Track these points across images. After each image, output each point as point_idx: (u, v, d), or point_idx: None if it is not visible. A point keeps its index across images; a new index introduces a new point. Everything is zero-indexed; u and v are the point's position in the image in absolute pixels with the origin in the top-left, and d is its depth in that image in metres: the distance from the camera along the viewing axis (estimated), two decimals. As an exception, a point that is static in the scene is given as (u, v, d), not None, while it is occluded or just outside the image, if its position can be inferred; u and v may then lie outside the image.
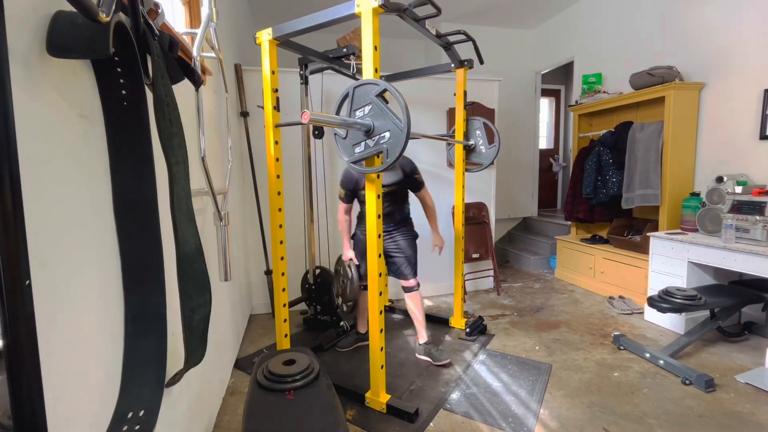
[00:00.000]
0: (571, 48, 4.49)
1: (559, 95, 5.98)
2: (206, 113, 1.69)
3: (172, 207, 0.91)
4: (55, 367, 0.65)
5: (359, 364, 2.32)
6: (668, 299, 2.29)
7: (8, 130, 0.50)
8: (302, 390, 1.28)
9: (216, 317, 1.75)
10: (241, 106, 2.96)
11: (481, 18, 4.65)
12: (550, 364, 2.29)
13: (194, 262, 1.01)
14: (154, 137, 0.88)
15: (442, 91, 3.29)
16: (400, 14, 1.70)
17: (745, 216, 2.43)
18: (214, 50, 1.44)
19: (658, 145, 3.04)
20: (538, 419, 1.80)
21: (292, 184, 3.00)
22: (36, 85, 0.65)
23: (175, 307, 0.97)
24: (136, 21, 0.81)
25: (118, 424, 0.82)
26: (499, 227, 5.06)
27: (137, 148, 0.88)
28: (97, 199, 0.83)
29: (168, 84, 0.93)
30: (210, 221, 1.69)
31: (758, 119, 2.67)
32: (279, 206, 2.09)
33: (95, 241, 0.82)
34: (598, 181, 3.59)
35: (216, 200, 1.38)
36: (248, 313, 3.15)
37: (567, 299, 3.45)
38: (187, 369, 1.06)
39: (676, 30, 3.23)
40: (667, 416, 1.81)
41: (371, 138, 1.58)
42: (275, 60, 2.01)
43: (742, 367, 2.20)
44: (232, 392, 2.08)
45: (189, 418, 1.39)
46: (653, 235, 2.88)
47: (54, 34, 0.66)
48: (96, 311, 0.81)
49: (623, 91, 3.47)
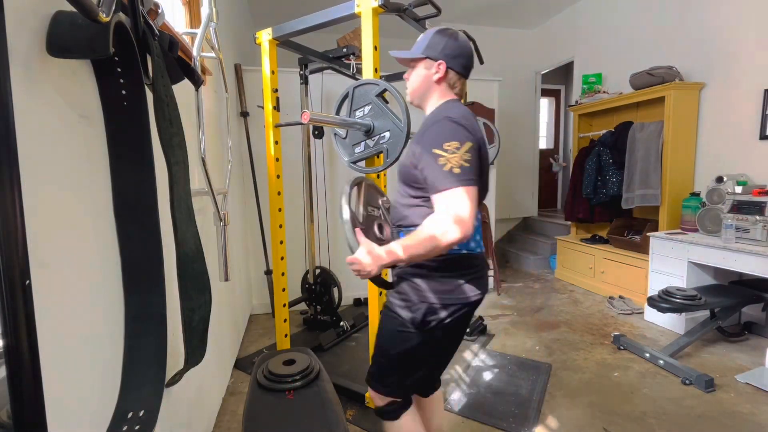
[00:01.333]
0: (571, 48, 4.49)
1: (559, 95, 5.98)
2: (206, 113, 1.69)
3: (172, 207, 0.91)
4: (55, 367, 0.65)
5: (359, 364, 2.32)
6: (668, 299, 2.29)
7: (8, 130, 0.50)
8: (302, 390, 1.27)
9: (216, 317, 1.75)
10: (241, 106, 2.96)
11: (481, 18, 4.65)
12: (550, 364, 2.29)
13: (194, 262, 1.01)
14: (154, 137, 0.88)
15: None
16: (400, 14, 1.70)
17: (745, 216, 2.43)
18: (214, 50, 1.44)
19: (658, 145, 3.04)
20: (538, 419, 1.80)
21: (292, 184, 3.00)
22: (36, 85, 0.65)
23: (175, 307, 0.97)
24: (136, 21, 0.81)
25: (118, 424, 0.82)
26: (499, 227, 5.06)
27: (137, 148, 0.87)
28: (97, 199, 0.83)
29: (168, 84, 0.93)
30: (210, 221, 1.69)
31: (758, 119, 2.67)
32: (279, 206, 2.09)
33: (95, 241, 0.82)
34: (598, 181, 3.59)
35: (216, 200, 1.38)
36: (248, 313, 3.15)
37: (567, 299, 3.45)
38: (187, 369, 1.06)
39: (676, 30, 3.23)
40: (667, 416, 1.81)
41: (371, 138, 1.57)
42: (275, 60, 2.01)
43: (742, 367, 2.20)
44: (232, 392, 2.08)
45: (189, 418, 1.39)
46: (653, 235, 2.88)
47: (54, 34, 0.66)
48: (96, 311, 0.81)
49: (623, 91, 3.47)
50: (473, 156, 1.01)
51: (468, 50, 1.19)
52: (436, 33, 1.18)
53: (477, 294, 1.13)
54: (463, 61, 1.18)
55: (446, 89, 1.19)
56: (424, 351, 1.18)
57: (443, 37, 1.16)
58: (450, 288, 1.10)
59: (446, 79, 1.17)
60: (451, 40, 1.15)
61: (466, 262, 1.12)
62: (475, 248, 1.14)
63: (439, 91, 1.18)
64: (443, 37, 1.16)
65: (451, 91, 1.20)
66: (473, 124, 1.10)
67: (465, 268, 1.12)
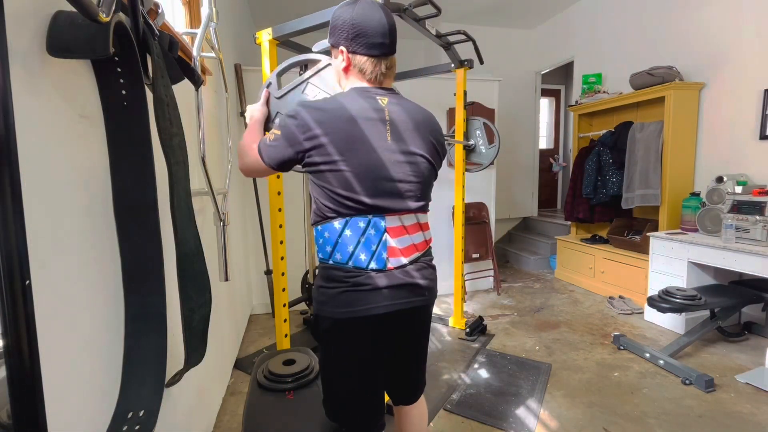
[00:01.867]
0: (571, 48, 4.49)
1: (559, 95, 5.98)
2: (206, 113, 1.68)
3: (172, 207, 0.91)
4: (55, 367, 0.65)
5: (359, 364, 2.32)
6: (668, 299, 2.29)
7: (8, 130, 0.50)
8: (302, 390, 1.27)
9: (216, 317, 1.75)
10: (241, 106, 2.96)
11: (481, 18, 4.65)
12: (550, 364, 2.29)
13: (194, 262, 1.01)
14: (154, 137, 0.88)
15: (442, 91, 3.29)
16: (400, 14, 1.70)
17: (745, 216, 2.43)
18: (214, 50, 1.44)
19: (658, 145, 3.04)
20: (538, 419, 1.80)
21: (292, 184, 3.00)
22: (36, 85, 0.65)
23: (175, 307, 0.97)
24: (136, 21, 0.81)
25: (118, 424, 0.82)
26: (499, 227, 5.05)
27: (137, 148, 0.87)
28: (97, 199, 0.83)
29: (168, 84, 0.93)
30: (210, 221, 1.69)
31: (758, 119, 2.67)
32: (279, 206, 2.09)
33: (95, 241, 0.82)
34: (598, 181, 3.59)
35: (216, 200, 1.38)
36: (248, 313, 3.15)
37: (567, 299, 3.45)
38: (187, 369, 1.06)
39: (676, 30, 3.23)
40: (667, 416, 1.81)
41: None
42: (275, 60, 2.00)
43: (742, 367, 2.20)
44: (232, 392, 2.08)
45: (189, 418, 1.39)
46: (653, 235, 2.88)
47: (54, 34, 0.66)
48: (96, 311, 0.81)
49: (623, 91, 3.47)
50: (278, 137, 0.98)
51: (369, 20, 0.96)
52: (336, 9, 1.01)
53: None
54: (364, 40, 0.97)
55: (357, 77, 1.02)
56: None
57: (340, 13, 0.99)
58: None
59: (353, 66, 1.01)
60: (346, 14, 0.97)
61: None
62: (340, 260, 1.01)
63: (350, 83, 1.04)
64: (340, 13, 0.99)
65: (363, 78, 1.02)
66: (320, 112, 0.96)
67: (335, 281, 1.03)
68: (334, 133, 0.95)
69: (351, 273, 1.01)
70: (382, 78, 1.03)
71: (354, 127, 0.96)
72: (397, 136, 1.01)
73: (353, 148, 0.96)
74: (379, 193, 0.99)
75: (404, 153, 1.01)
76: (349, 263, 1.00)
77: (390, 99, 1.03)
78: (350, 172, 0.96)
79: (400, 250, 1.03)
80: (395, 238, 1.02)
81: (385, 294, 1.01)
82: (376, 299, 1.01)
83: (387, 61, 1.02)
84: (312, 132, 0.95)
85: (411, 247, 1.06)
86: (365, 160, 0.97)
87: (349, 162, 0.96)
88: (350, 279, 1.00)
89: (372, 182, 0.98)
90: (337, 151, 0.95)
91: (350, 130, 0.96)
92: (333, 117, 0.96)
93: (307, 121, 0.95)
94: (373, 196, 0.98)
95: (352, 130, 0.96)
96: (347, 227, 0.99)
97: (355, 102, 0.98)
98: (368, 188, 0.98)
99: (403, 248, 1.04)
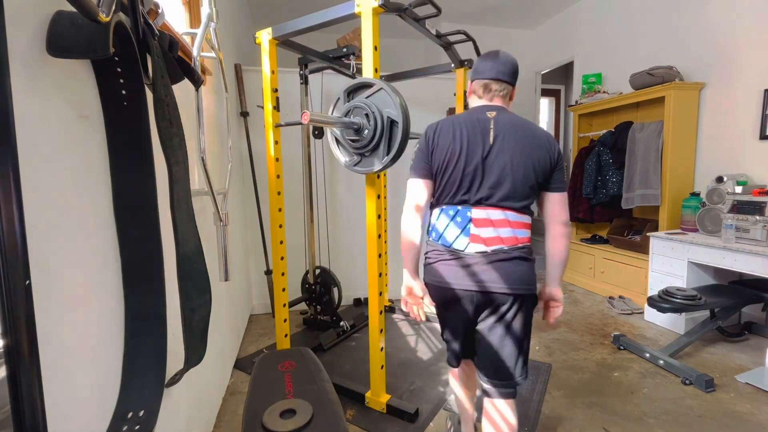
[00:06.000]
0: (571, 48, 4.49)
1: (559, 95, 5.98)
2: (206, 113, 1.69)
3: (172, 207, 0.91)
4: (55, 367, 0.65)
5: (359, 364, 2.32)
6: (668, 299, 2.29)
7: (8, 130, 0.50)
8: (302, 390, 1.26)
9: (216, 317, 1.75)
10: (241, 106, 2.96)
11: (481, 18, 4.65)
12: (550, 364, 2.29)
13: (194, 262, 1.01)
14: (154, 137, 0.88)
15: (442, 91, 3.29)
16: (400, 14, 1.70)
17: (745, 216, 2.43)
18: (214, 50, 1.44)
19: (658, 145, 3.04)
20: (538, 419, 1.80)
21: (292, 184, 3.00)
22: (36, 85, 0.65)
23: (175, 307, 0.97)
24: (136, 21, 0.81)
25: (118, 424, 0.82)
26: (499, 227, 5.04)
27: (137, 148, 0.87)
28: (97, 199, 0.83)
29: (168, 84, 0.93)
30: (210, 221, 1.69)
31: (758, 119, 2.67)
32: (279, 206, 2.09)
33: (95, 241, 0.82)
34: (598, 180, 3.59)
35: (216, 200, 1.38)
36: (248, 313, 3.15)
37: (567, 299, 3.45)
38: (187, 369, 1.06)
39: (676, 30, 3.23)
40: (667, 416, 1.81)
41: (362, 136, 1.57)
42: (275, 60, 2.01)
43: (742, 367, 2.20)
44: (232, 392, 2.08)
45: (189, 418, 1.39)
46: (653, 235, 2.88)
47: (54, 34, 0.66)
48: (96, 311, 0.81)
49: (623, 91, 3.47)
50: (417, 155, 1.31)
51: (484, 59, 1.37)
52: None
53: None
54: (475, 73, 1.37)
55: (473, 99, 1.38)
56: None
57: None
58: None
59: (472, 92, 1.38)
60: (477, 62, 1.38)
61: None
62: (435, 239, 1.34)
63: (471, 104, 1.40)
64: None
65: (477, 98, 1.36)
66: (439, 128, 1.30)
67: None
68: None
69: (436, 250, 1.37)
70: (488, 95, 1.36)
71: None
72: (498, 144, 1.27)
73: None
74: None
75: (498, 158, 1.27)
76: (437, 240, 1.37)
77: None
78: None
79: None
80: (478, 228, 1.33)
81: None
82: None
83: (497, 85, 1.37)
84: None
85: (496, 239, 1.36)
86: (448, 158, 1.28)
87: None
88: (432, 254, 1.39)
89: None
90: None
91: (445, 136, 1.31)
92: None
93: (431, 134, 1.35)
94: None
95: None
96: None
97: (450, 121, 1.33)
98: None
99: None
